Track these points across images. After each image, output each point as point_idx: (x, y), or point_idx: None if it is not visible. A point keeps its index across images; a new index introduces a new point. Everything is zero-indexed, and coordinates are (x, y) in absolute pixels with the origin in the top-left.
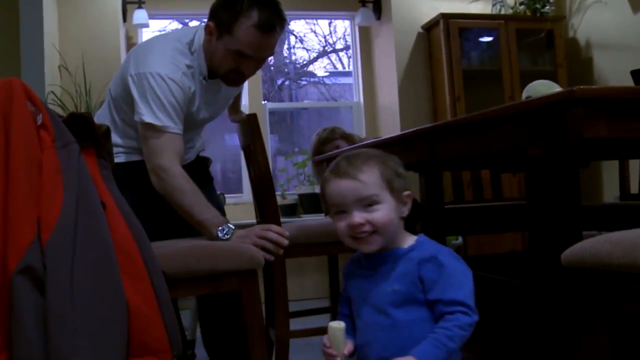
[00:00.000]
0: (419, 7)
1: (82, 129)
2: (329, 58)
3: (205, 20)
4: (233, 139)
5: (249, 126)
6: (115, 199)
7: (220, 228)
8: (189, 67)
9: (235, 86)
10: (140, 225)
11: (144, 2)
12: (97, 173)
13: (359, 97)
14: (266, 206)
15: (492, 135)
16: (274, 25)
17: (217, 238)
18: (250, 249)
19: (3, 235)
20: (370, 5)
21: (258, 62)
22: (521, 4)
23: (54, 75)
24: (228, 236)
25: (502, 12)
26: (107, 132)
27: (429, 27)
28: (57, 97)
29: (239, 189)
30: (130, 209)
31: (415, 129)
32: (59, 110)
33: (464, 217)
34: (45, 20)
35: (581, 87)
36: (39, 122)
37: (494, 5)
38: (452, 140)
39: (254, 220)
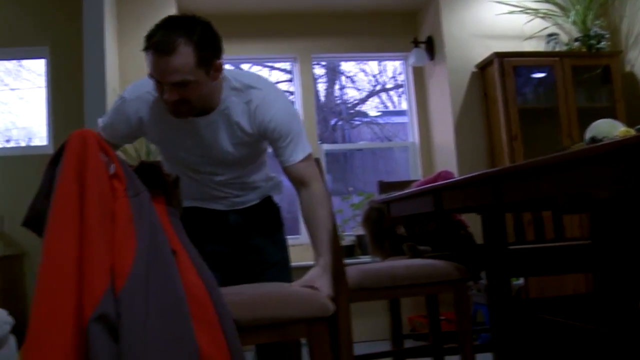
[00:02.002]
0: (472, 47)
1: (152, 178)
2: (379, 97)
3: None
4: (285, 180)
5: None
6: (185, 246)
7: None
8: (152, 97)
9: (180, 117)
10: (209, 272)
11: None
12: (166, 221)
13: (414, 137)
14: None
15: (560, 178)
16: (166, 47)
17: None
18: (320, 296)
19: (79, 283)
20: (423, 45)
21: (171, 87)
22: (576, 40)
23: None
24: None
25: (557, 49)
26: (177, 180)
27: (483, 66)
28: None
29: (295, 230)
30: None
31: (480, 172)
32: (120, 155)
33: (526, 258)
34: (107, 66)
35: None
36: (112, 172)
37: (547, 42)
38: (519, 183)
39: (313, 262)
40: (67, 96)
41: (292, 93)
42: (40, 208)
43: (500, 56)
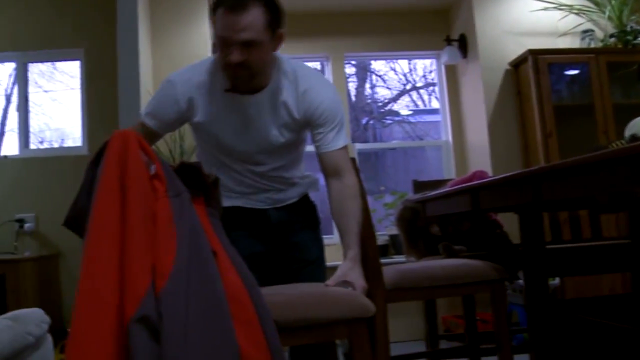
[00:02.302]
0: (506, 44)
1: (192, 178)
2: (409, 96)
3: None
4: (320, 179)
5: None
6: (225, 246)
7: None
8: (201, 77)
9: (238, 85)
10: (249, 272)
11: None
12: (206, 221)
13: (447, 135)
14: (368, 249)
15: (602, 177)
16: (240, 3)
17: None
18: (361, 297)
19: (121, 284)
20: (456, 43)
21: (242, 46)
22: (611, 36)
23: None
24: None
25: (592, 45)
26: (216, 181)
27: (517, 64)
28: None
29: (328, 230)
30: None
31: (519, 171)
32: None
33: (564, 257)
34: (140, 67)
35: None
36: (153, 172)
37: (582, 39)
38: (558, 182)
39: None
40: (101, 98)
41: None
42: (81, 208)
43: (534, 53)
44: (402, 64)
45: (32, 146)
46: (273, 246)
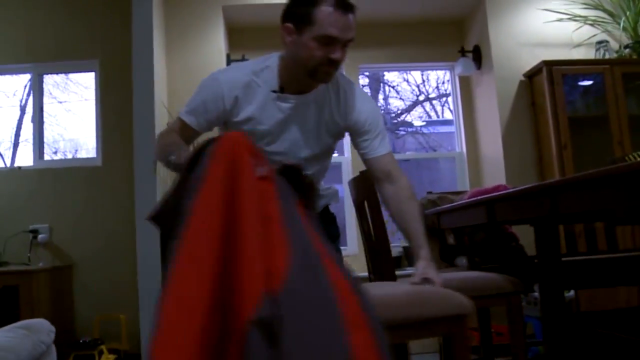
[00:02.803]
0: (520, 55)
1: (294, 181)
2: (422, 107)
3: None
4: (340, 190)
5: (363, 182)
6: (327, 248)
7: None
8: (247, 77)
9: (326, 81)
10: (352, 272)
11: (247, 60)
12: (307, 223)
13: (461, 147)
14: (383, 261)
15: (621, 190)
16: (350, 4)
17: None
18: (458, 295)
19: (239, 286)
20: (470, 55)
21: (344, 45)
22: (626, 47)
23: None
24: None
25: (607, 56)
26: (312, 182)
27: (531, 75)
28: None
29: (342, 242)
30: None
31: (536, 184)
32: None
33: (578, 270)
34: (155, 78)
35: None
36: (261, 174)
37: (597, 50)
38: (576, 195)
39: (363, 273)
40: (115, 109)
41: None
42: (171, 206)
43: (549, 64)
44: (415, 75)
45: (46, 157)
46: None
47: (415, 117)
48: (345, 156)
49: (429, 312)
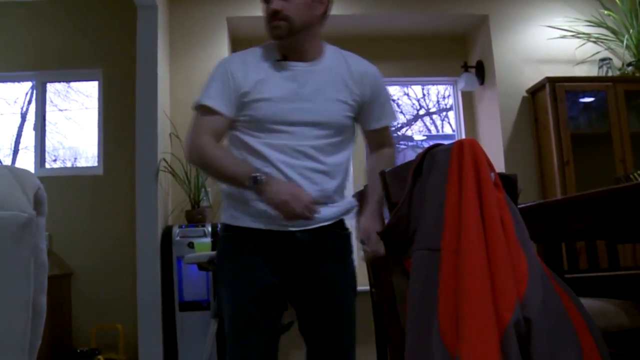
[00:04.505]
0: (523, 71)
1: (508, 189)
2: (422, 121)
3: None
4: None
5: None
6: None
7: (253, 175)
8: (250, 54)
9: (273, 36)
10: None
11: None
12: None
13: None
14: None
15: (629, 209)
16: None
17: (252, 186)
18: None
19: (498, 288)
20: (473, 70)
21: None
22: (629, 65)
23: (165, 143)
24: (262, 178)
25: (609, 73)
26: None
27: (534, 91)
28: (167, 163)
29: None
30: None
31: (542, 201)
32: (168, 177)
33: (580, 286)
34: (158, 90)
35: None
36: (494, 180)
37: (600, 67)
38: (582, 213)
39: (364, 287)
40: (118, 118)
41: None
42: (401, 216)
43: (552, 81)
44: (416, 90)
45: (47, 165)
46: (291, 279)
47: (416, 131)
48: None
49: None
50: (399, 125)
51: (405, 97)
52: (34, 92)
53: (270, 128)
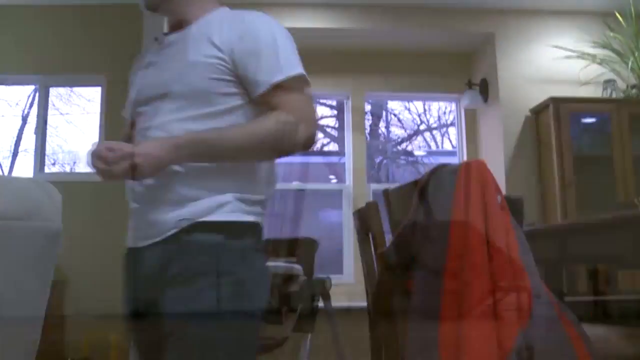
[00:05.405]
0: (527, 91)
1: (513, 211)
2: (422, 136)
3: None
4: (328, 216)
5: (369, 214)
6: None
7: None
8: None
9: (146, 6)
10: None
11: None
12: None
13: None
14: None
15: (634, 235)
16: None
17: None
18: None
19: (501, 314)
20: (477, 87)
21: None
22: (633, 87)
23: None
24: None
25: (614, 95)
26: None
27: (538, 111)
28: None
29: (338, 269)
30: None
31: (547, 225)
32: None
33: (580, 310)
34: None
35: None
36: (500, 203)
37: (604, 89)
38: (586, 238)
39: (359, 304)
40: (120, 124)
41: (335, 128)
42: (405, 238)
43: (556, 101)
44: (417, 105)
45: (46, 169)
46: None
47: (416, 147)
48: (346, 184)
49: None
50: (400, 140)
51: (407, 112)
52: (37, 95)
53: (135, 113)
